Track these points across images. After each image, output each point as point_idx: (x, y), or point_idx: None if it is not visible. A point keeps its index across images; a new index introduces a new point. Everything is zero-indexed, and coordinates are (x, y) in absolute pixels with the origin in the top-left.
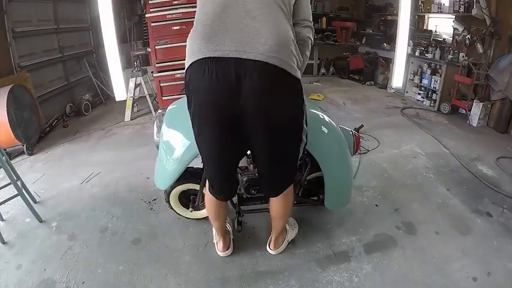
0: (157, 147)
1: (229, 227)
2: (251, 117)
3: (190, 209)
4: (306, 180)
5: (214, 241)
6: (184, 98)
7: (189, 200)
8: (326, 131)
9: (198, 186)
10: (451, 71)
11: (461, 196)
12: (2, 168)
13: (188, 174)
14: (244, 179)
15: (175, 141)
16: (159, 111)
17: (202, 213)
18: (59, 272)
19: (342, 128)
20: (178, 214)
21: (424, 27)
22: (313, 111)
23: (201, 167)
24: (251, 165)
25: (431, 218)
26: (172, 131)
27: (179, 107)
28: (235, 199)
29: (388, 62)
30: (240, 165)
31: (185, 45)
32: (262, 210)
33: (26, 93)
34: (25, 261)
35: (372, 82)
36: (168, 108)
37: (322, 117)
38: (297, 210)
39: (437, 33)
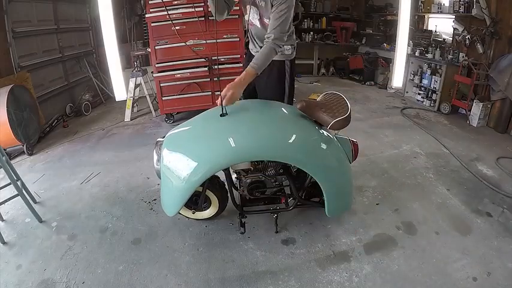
0: (159, 176)
1: None
2: None
3: (192, 210)
4: (310, 183)
5: None
6: (186, 121)
7: (192, 201)
8: (324, 147)
9: (201, 188)
10: (451, 71)
11: (461, 196)
12: (2, 168)
13: None
14: (248, 181)
15: (181, 165)
16: (158, 139)
17: (204, 214)
18: (59, 272)
19: (339, 137)
20: (180, 214)
21: (424, 27)
22: (308, 129)
23: None
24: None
25: (431, 218)
26: (175, 155)
27: (181, 131)
28: (238, 201)
29: (388, 62)
30: (243, 167)
31: (184, 46)
32: (265, 211)
33: (26, 93)
34: (25, 261)
35: (372, 82)
36: (167, 134)
37: (317, 134)
38: (297, 211)
39: (437, 33)
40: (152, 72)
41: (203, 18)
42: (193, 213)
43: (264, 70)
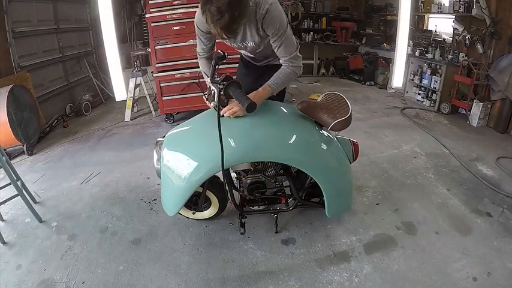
0: (159, 176)
1: None
2: None
3: (192, 210)
4: (310, 183)
5: None
6: (186, 121)
7: (192, 201)
8: (325, 147)
9: (201, 189)
10: (451, 71)
11: (461, 196)
12: (2, 168)
13: None
14: (248, 181)
15: (181, 164)
16: (158, 139)
17: (204, 214)
18: (59, 272)
19: (339, 138)
20: (180, 214)
21: (424, 27)
22: (308, 129)
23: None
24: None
25: (431, 218)
26: (176, 155)
27: (181, 131)
28: (238, 201)
29: (388, 62)
30: (243, 168)
31: (185, 46)
32: (265, 211)
33: (26, 93)
34: (25, 261)
35: (372, 82)
36: (167, 134)
37: (318, 135)
38: (297, 211)
39: (437, 33)
40: (152, 72)
41: None
42: (194, 213)
43: (264, 74)
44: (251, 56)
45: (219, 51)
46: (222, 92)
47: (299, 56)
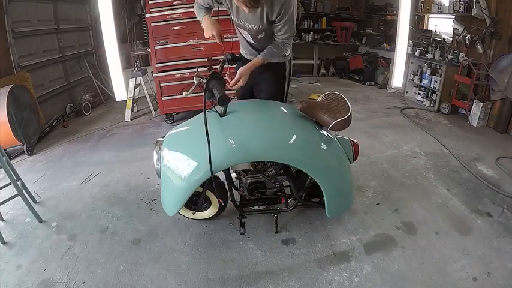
0: (159, 175)
1: None
2: None
3: (192, 210)
4: (310, 183)
5: None
6: (186, 121)
7: (192, 201)
8: (325, 147)
9: (201, 189)
10: (451, 71)
11: (461, 196)
12: (2, 168)
13: None
14: (248, 181)
15: (181, 164)
16: (158, 139)
17: (204, 214)
18: (59, 272)
19: (339, 138)
20: (180, 214)
21: (424, 27)
22: (308, 129)
23: None
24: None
25: (431, 218)
26: (176, 155)
27: (181, 131)
28: (238, 201)
29: (388, 62)
30: (243, 168)
31: (185, 46)
32: (265, 211)
33: (26, 93)
34: (25, 261)
35: (372, 82)
36: (168, 134)
37: (318, 135)
38: (297, 211)
39: (437, 33)
40: (152, 72)
41: None
42: (194, 213)
43: (264, 72)
44: (251, 42)
45: (228, 53)
46: (205, 86)
47: (291, 40)
